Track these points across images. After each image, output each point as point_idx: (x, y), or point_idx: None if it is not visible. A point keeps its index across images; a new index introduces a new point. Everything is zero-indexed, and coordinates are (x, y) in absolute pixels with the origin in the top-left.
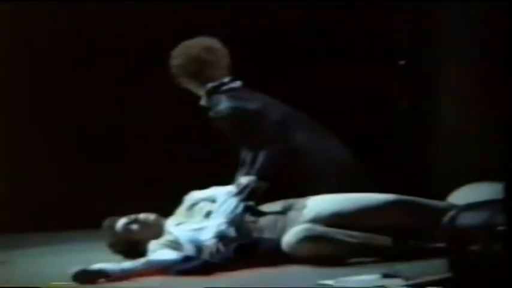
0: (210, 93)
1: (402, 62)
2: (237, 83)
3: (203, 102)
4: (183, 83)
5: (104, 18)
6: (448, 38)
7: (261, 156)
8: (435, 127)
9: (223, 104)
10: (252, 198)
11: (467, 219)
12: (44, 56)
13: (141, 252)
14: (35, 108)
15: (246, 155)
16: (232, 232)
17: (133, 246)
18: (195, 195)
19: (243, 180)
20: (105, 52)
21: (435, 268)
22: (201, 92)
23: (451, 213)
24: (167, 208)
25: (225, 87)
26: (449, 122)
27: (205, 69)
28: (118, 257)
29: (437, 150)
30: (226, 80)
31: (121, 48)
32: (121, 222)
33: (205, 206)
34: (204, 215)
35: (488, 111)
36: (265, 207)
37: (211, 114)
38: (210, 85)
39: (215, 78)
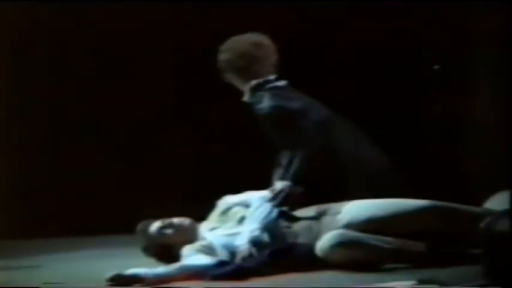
0: (254, 90)
1: (437, 67)
2: (282, 82)
3: (246, 98)
4: (228, 78)
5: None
6: (480, 40)
7: (297, 160)
8: (473, 133)
9: (266, 102)
10: (287, 204)
11: (504, 225)
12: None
13: (174, 256)
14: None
15: (283, 158)
16: (266, 238)
17: (167, 250)
18: (229, 199)
19: (278, 185)
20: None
21: (471, 274)
22: (246, 88)
23: (488, 218)
24: (201, 212)
25: (269, 85)
26: (489, 128)
27: (253, 65)
28: (152, 261)
29: (475, 156)
30: (271, 77)
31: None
32: (155, 226)
33: (239, 211)
34: (237, 220)
35: None
36: (300, 213)
37: (255, 111)
38: (254, 82)
39: (262, 75)
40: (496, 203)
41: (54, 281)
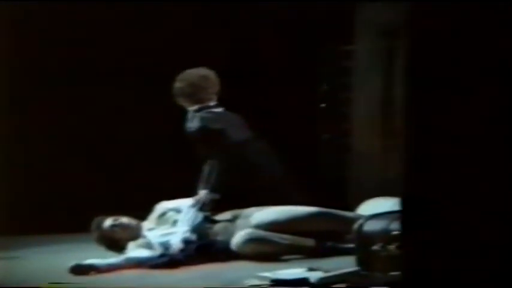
0: (195, 112)
1: (323, 105)
2: (219, 108)
3: (188, 118)
4: (179, 101)
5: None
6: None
7: (215, 172)
8: (350, 156)
9: (195, 122)
10: (207, 209)
11: (371, 226)
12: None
13: (121, 247)
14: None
15: (205, 169)
16: (193, 237)
17: (115, 243)
18: (164, 205)
19: (200, 193)
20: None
21: (347, 263)
22: (190, 110)
23: (359, 221)
24: (142, 213)
25: (206, 110)
26: (361, 151)
27: (198, 93)
28: (105, 253)
29: (351, 172)
30: (211, 104)
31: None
32: (107, 222)
33: (173, 216)
34: (171, 223)
35: (393, 140)
36: (219, 216)
37: (186, 128)
38: (197, 106)
39: (204, 101)
40: (365, 209)
41: (31, 271)
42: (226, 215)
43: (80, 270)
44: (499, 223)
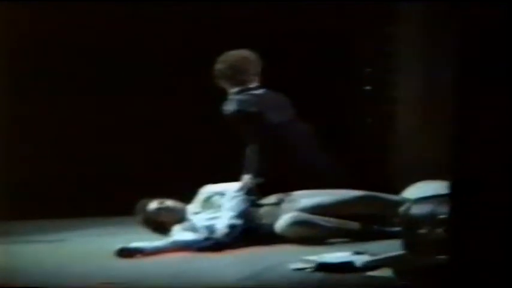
0: (234, 94)
1: (368, 87)
2: (259, 90)
3: (226, 100)
4: (220, 83)
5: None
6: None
7: (255, 156)
8: (396, 138)
9: (232, 105)
10: (253, 194)
11: (417, 210)
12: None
13: (166, 230)
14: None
15: (248, 153)
16: (239, 222)
17: (160, 226)
18: (209, 188)
19: (244, 178)
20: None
21: (393, 247)
22: (231, 92)
23: (406, 204)
24: (188, 196)
25: (246, 92)
26: (407, 132)
27: (238, 75)
28: (150, 236)
29: (397, 155)
30: (252, 85)
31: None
32: (153, 205)
33: (218, 200)
34: (217, 207)
35: (439, 121)
36: (264, 200)
37: (223, 111)
38: (237, 89)
39: (245, 83)
40: (411, 192)
41: (75, 254)
42: (271, 199)
43: (126, 253)
44: None
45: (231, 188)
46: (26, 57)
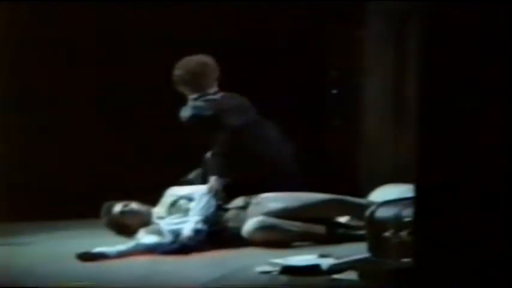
0: (192, 101)
1: (335, 91)
2: (218, 95)
3: (183, 107)
4: (180, 89)
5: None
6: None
7: (217, 157)
8: (361, 141)
9: (186, 111)
10: (219, 197)
11: (382, 213)
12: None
13: (131, 232)
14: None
15: (210, 156)
16: (205, 226)
17: (125, 229)
18: (175, 191)
19: (210, 180)
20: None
21: (359, 250)
22: (190, 98)
23: (371, 208)
24: (152, 198)
25: (203, 98)
26: (373, 137)
27: (198, 80)
28: (115, 238)
29: (363, 158)
30: (211, 90)
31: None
32: (117, 208)
33: (185, 204)
34: (183, 211)
35: (405, 124)
36: (231, 204)
37: (180, 118)
38: (195, 95)
39: (204, 88)
40: (376, 195)
41: (42, 256)
42: (238, 202)
43: (88, 257)
44: None
45: (198, 191)
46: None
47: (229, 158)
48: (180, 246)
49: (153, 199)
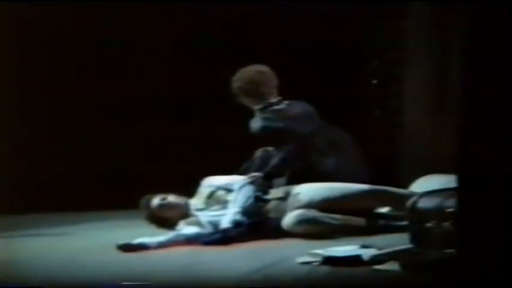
0: (259, 111)
1: (375, 81)
2: (282, 104)
3: (253, 118)
4: (242, 101)
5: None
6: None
7: (274, 160)
8: (403, 132)
9: (257, 123)
10: (259, 189)
11: (424, 203)
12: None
13: (171, 225)
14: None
15: (260, 154)
16: (244, 218)
17: (165, 222)
18: (212, 181)
19: (252, 175)
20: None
21: (401, 241)
22: (255, 109)
23: (413, 198)
24: (187, 188)
25: (269, 108)
26: (415, 126)
27: (259, 88)
28: (156, 230)
29: (403, 149)
30: (273, 100)
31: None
32: (155, 202)
33: (223, 195)
34: (222, 203)
35: (446, 116)
36: (270, 195)
37: (250, 128)
38: (260, 105)
39: (266, 97)
40: (418, 186)
41: (83, 247)
42: (277, 193)
43: (128, 249)
44: None
45: (236, 182)
46: (26, 56)
47: (297, 166)
48: (220, 237)
49: (190, 190)
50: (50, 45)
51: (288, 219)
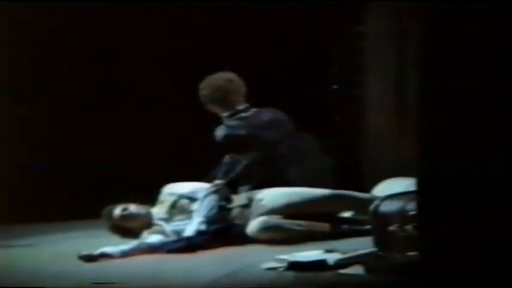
0: (226, 119)
1: (336, 86)
2: (249, 112)
3: (218, 126)
4: (210, 108)
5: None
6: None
7: (237, 169)
8: (364, 137)
9: (221, 131)
10: (223, 197)
11: (386, 207)
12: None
13: (135, 234)
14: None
15: (227, 161)
16: (208, 227)
17: (128, 231)
18: (174, 189)
19: (216, 183)
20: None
21: (365, 245)
22: (223, 116)
23: (375, 202)
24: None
25: (237, 115)
26: (374, 134)
27: (227, 96)
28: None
29: (366, 153)
30: (241, 107)
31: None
32: (116, 212)
33: (186, 205)
34: (186, 213)
35: (407, 121)
36: (234, 203)
37: (214, 137)
38: (227, 113)
39: (234, 105)
40: (380, 190)
41: (46, 258)
42: (240, 200)
43: (90, 259)
44: None
45: (199, 190)
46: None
47: (262, 173)
48: (185, 244)
49: (151, 198)
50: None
51: (252, 227)
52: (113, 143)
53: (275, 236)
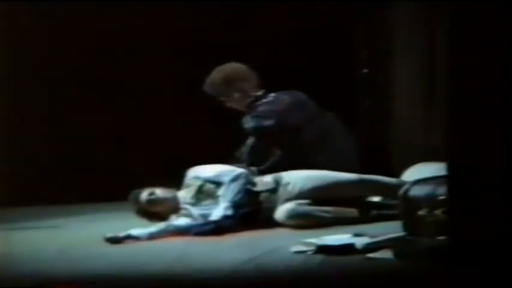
0: (248, 111)
1: (366, 71)
2: (268, 97)
3: (243, 118)
4: (223, 99)
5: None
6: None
7: (269, 154)
8: (393, 122)
9: (249, 123)
10: (250, 182)
11: (416, 191)
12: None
13: (162, 218)
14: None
15: (252, 145)
16: (235, 211)
17: (155, 215)
18: (198, 172)
19: (245, 168)
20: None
21: (393, 229)
22: (240, 107)
23: (405, 186)
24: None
25: (258, 102)
26: (404, 118)
27: (236, 84)
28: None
29: (395, 138)
30: (259, 93)
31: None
32: (143, 196)
33: (212, 189)
34: (212, 197)
35: (436, 105)
36: (260, 186)
37: (243, 129)
38: (247, 101)
39: (248, 91)
40: (409, 174)
41: (71, 240)
42: (267, 184)
43: (115, 241)
44: None
45: (225, 174)
46: (26, 55)
47: (289, 157)
48: (212, 227)
49: (176, 181)
50: (33, 43)
51: (280, 214)
52: (137, 127)
53: (303, 222)
